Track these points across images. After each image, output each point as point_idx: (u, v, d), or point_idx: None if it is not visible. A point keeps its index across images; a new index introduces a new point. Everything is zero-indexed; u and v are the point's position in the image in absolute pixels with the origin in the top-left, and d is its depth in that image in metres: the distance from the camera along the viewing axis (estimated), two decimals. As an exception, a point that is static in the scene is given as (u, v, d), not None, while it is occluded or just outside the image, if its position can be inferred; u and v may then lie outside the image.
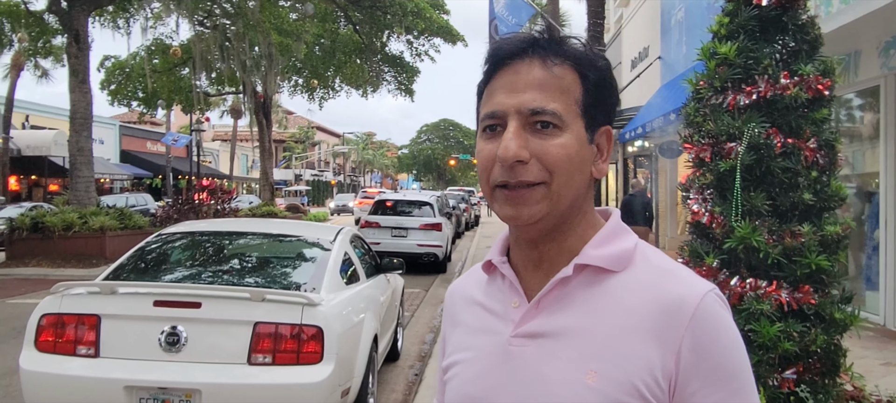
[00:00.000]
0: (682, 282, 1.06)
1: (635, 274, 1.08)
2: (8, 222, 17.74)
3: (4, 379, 6.74)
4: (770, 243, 3.05)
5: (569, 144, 1.05)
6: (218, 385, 4.20)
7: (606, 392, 1.01)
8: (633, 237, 1.13)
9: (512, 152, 1.03)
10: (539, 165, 1.04)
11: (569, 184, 1.07)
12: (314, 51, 31.44)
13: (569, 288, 1.09)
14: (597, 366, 1.02)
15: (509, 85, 1.08)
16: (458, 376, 1.17)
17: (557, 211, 1.08)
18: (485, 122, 1.10)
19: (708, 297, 1.04)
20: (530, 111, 1.05)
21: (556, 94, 1.06)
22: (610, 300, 1.06)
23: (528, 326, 1.10)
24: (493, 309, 1.17)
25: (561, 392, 1.03)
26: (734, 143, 3.13)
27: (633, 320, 1.03)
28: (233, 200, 23.56)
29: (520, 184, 1.05)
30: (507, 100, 1.07)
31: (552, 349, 1.06)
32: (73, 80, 18.10)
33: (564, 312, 1.08)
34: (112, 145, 40.89)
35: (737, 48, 3.19)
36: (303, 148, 76.62)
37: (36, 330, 4.44)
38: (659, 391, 1.01)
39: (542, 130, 1.05)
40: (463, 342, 1.20)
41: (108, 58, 30.65)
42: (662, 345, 1.01)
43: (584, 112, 1.08)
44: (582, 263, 1.08)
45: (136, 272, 5.29)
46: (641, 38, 20.34)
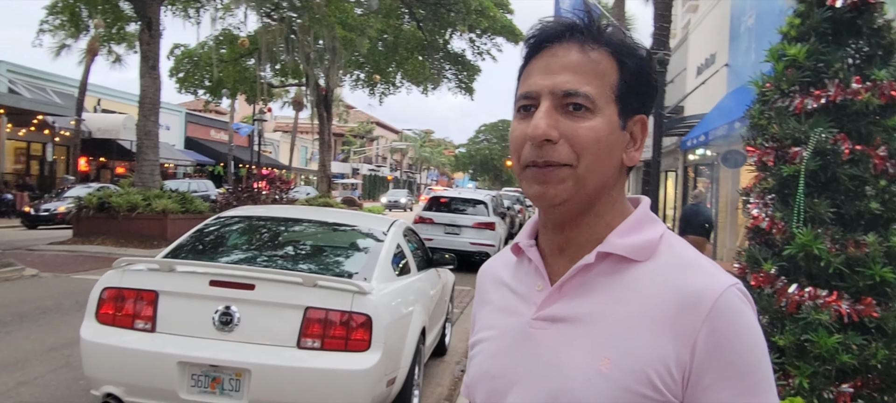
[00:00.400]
0: (703, 275, 1.05)
1: (658, 265, 1.08)
2: (76, 201, 18.37)
3: (66, 349, 6.98)
4: (832, 252, 2.95)
5: (599, 128, 1.06)
6: (267, 367, 4.26)
7: (618, 379, 1.01)
8: (660, 227, 1.13)
9: (541, 130, 1.05)
10: (567, 147, 1.05)
11: (595, 167, 1.07)
12: (377, 46, 31.71)
13: (591, 275, 1.10)
14: (611, 354, 1.03)
15: (545, 67, 1.09)
16: (482, 353, 1.20)
17: (583, 195, 1.08)
18: (520, 103, 1.11)
19: (729, 291, 1.03)
20: (563, 92, 1.06)
21: (590, 78, 1.07)
22: (630, 289, 1.07)
23: (548, 310, 1.11)
24: (518, 291, 1.19)
25: (574, 376, 1.04)
26: (799, 148, 3.02)
27: (651, 310, 1.04)
28: (290, 190, 23.93)
29: (547, 163, 1.06)
30: (541, 80, 1.08)
31: (570, 334, 1.08)
32: (143, 66, 18.64)
33: (585, 298, 1.09)
34: (177, 131, 41.97)
35: (807, 50, 3.09)
36: (361, 142, 77.38)
37: (97, 302, 4.57)
38: (672, 382, 1.01)
39: (573, 112, 1.06)
40: (489, 320, 1.22)
41: (178, 46, 31.53)
42: (678, 337, 1.01)
43: (619, 98, 1.08)
44: (605, 251, 1.09)
45: (194, 252, 5.41)
46: (708, 45, 19.92)
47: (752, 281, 3.18)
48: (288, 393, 4.27)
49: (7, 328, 7.94)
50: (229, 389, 4.30)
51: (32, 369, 6.37)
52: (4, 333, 7.68)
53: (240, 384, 4.29)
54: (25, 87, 28.00)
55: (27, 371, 6.32)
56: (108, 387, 4.41)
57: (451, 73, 33.82)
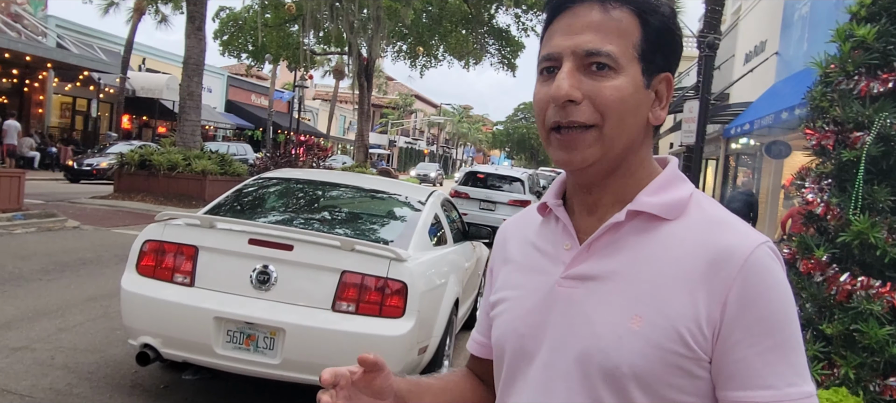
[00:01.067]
0: (734, 233, 1.04)
1: (688, 223, 1.08)
2: (118, 157, 18.67)
3: (105, 300, 7.10)
4: (889, 242, 2.85)
5: (623, 87, 1.05)
6: (302, 327, 4.28)
7: (649, 336, 1.02)
8: (689, 185, 1.12)
9: (564, 91, 1.04)
10: (591, 107, 1.05)
11: (621, 127, 1.06)
12: (421, 18, 31.59)
13: (620, 233, 1.10)
14: (642, 311, 1.03)
15: (567, 27, 1.07)
16: (507, 312, 1.19)
17: (611, 156, 1.08)
18: (542, 65, 1.10)
19: (760, 249, 1.02)
20: (585, 52, 1.05)
21: (612, 37, 1.05)
22: (660, 247, 1.06)
23: (577, 268, 1.11)
24: (545, 250, 1.18)
25: (605, 333, 1.05)
26: (862, 133, 2.92)
27: (682, 267, 1.03)
28: (328, 158, 24.05)
29: (571, 124, 1.05)
30: (563, 41, 1.07)
31: (600, 292, 1.08)
32: (189, 26, 18.79)
33: (614, 257, 1.09)
34: (219, 94, 42.38)
35: (877, 31, 2.96)
36: (399, 114, 77.43)
37: (138, 254, 4.62)
38: (702, 339, 1.01)
39: (596, 72, 1.05)
40: (512, 279, 1.22)
41: (224, 8, 31.79)
42: (709, 294, 1.01)
43: (642, 56, 1.07)
44: (635, 209, 1.09)
45: (233, 211, 5.45)
46: (759, 32, 19.48)
47: (801, 268, 3.09)
48: (321, 355, 4.28)
49: (50, 276, 8.12)
50: (263, 347, 4.32)
51: (72, 317, 6.50)
52: (47, 281, 7.84)
53: (274, 342, 4.31)
54: (73, 43, 28.43)
55: (67, 318, 6.44)
56: (146, 338, 4.46)
57: (495, 49, 33.60)
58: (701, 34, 14.41)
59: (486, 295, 1.34)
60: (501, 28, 32.83)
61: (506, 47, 33.16)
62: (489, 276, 1.35)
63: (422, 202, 5.80)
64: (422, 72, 35.25)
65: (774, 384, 0.99)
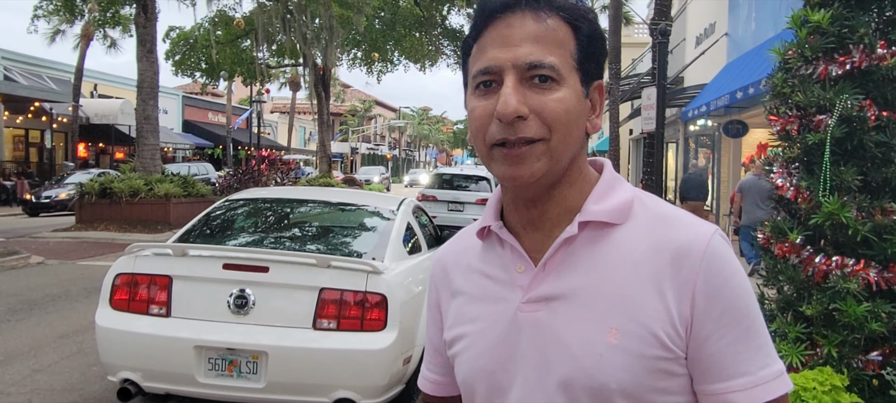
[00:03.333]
0: (686, 227, 1.04)
1: (638, 225, 1.06)
2: (78, 187, 18.32)
3: (78, 336, 6.97)
4: (859, 220, 2.92)
5: (567, 99, 1.02)
6: (284, 348, 4.25)
7: (630, 347, 1.00)
8: (628, 187, 1.11)
9: (512, 107, 0.99)
10: (538, 121, 1.01)
11: (567, 139, 1.04)
12: (374, 24, 31.50)
13: (574, 246, 1.07)
14: (616, 323, 1.01)
15: (503, 39, 1.03)
16: (469, 348, 1.13)
17: (557, 169, 1.05)
18: (478, 79, 1.05)
19: (714, 239, 1.03)
20: (527, 65, 1.01)
21: (552, 48, 1.02)
22: (617, 254, 1.04)
23: (538, 290, 1.07)
24: (496, 276, 1.13)
25: (584, 354, 1.01)
26: (824, 116, 2.99)
27: (645, 270, 1.02)
28: (292, 172, 23.88)
29: (519, 140, 1.01)
30: (501, 54, 1.02)
31: (567, 311, 1.04)
32: (140, 50, 18.51)
33: (573, 272, 1.06)
34: (175, 115, 41.82)
35: (831, 16, 3.04)
36: (359, 121, 77.16)
37: (111, 288, 4.55)
38: (677, 337, 1.01)
39: (539, 85, 1.01)
40: (466, 312, 1.16)
41: (174, 29, 31.30)
42: (677, 291, 1.01)
43: (579, 65, 1.05)
44: (585, 220, 1.06)
45: (204, 236, 5.39)
46: (708, 14, 19.81)
47: (777, 252, 3.16)
48: (305, 374, 4.26)
49: (18, 315, 7.94)
50: (246, 372, 4.29)
51: (45, 356, 6.37)
52: (16, 321, 7.67)
53: (257, 366, 4.28)
54: (21, 74, 27.86)
55: (40, 358, 6.31)
56: (125, 373, 4.40)
57: (450, 50, 33.64)
58: (653, 22, 14.60)
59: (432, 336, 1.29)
60: (455, 29, 32.90)
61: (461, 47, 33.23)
62: (433, 311, 1.29)
63: (393, 211, 5.80)
64: (379, 77, 35.10)
65: (748, 369, 1.01)
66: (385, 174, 54.09)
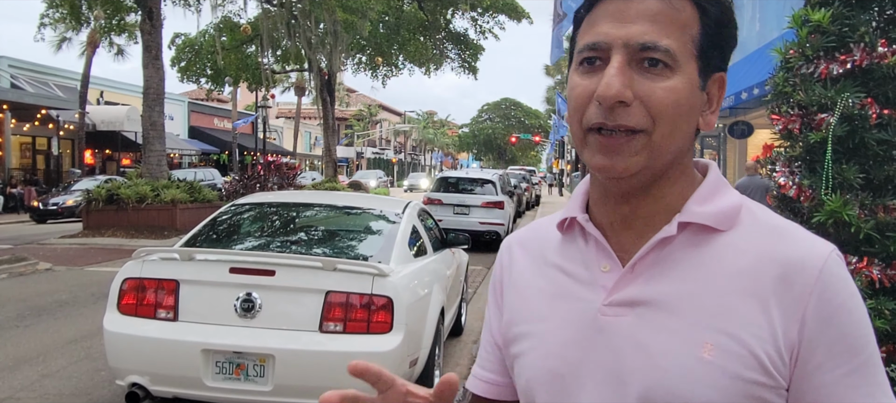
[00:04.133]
0: (801, 241, 0.93)
1: (744, 234, 0.95)
2: (85, 194, 18.41)
3: (86, 341, 7.01)
4: (862, 218, 2.93)
5: (679, 88, 0.91)
6: (291, 351, 4.28)
7: (726, 366, 0.88)
8: (736, 193, 1.00)
9: (614, 90, 0.89)
10: (642, 109, 0.90)
11: (673, 134, 0.93)
12: (378, 28, 31.58)
13: (669, 249, 0.96)
14: (712, 338, 0.89)
15: (618, 13, 0.92)
16: (536, 348, 1.03)
17: (657, 165, 0.94)
18: (582, 54, 0.95)
19: (831, 258, 0.91)
20: (640, 45, 0.90)
21: (670, 29, 0.91)
22: (719, 262, 0.93)
23: (624, 293, 0.96)
24: (574, 273, 1.02)
25: (671, 366, 0.90)
26: (826, 114, 3.00)
27: (749, 284, 0.91)
28: (297, 176, 23.96)
29: (618, 128, 0.91)
30: (613, 30, 0.92)
31: (655, 319, 0.93)
32: (146, 57, 18.60)
33: (666, 277, 0.94)
34: (181, 121, 41.98)
35: (831, 15, 3.06)
36: (363, 126, 77.28)
37: (118, 293, 4.58)
38: (780, 363, 0.89)
39: (649, 69, 0.91)
40: (536, 309, 1.05)
41: (179, 35, 31.43)
42: (784, 312, 0.89)
43: (700, 53, 0.94)
44: (686, 221, 0.95)
45: (210, 241, 5.42)
46: (712, 15, 19.77)
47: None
48: (312, 377, 4.29)
49: (26, 322, 7.99)
50: (254, 375, 4.31)
51: (54, 362, 6.41)
52: (24, 327, 7.72)
53: (264, 369, 4.30)
54: (28, 82, 27.99)
55: (49, 363, 6.35)
56: (133, 377, 4.43)
57: (454, 53, 33.70)
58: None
59: (492, 326, 1.17)
60: (459, 32, 32.97)
61: (465, 51, 33.29)
62: (493, 304, 1.18)
63: (398, 214, 5.82)
64: (384, 81, 35.16)
65: None
66: (383, 178, 53.73)
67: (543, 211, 29.07)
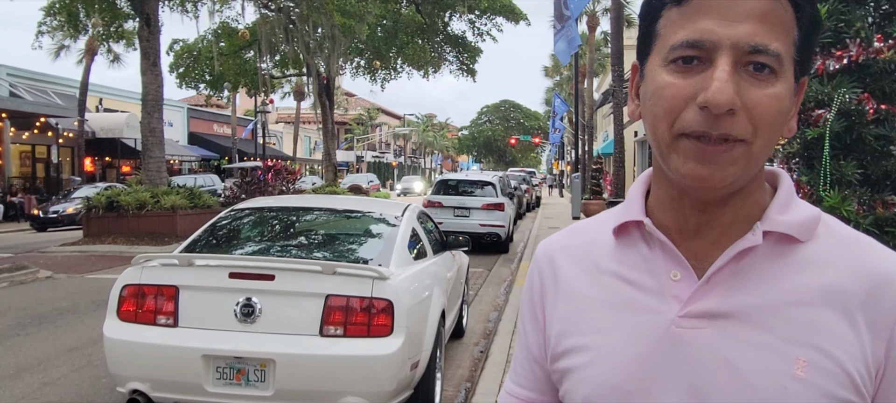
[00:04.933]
0: (884, 256, 0.89)
1: (825, 245, 0.91)
2: (85, 201, 18.41)
3: (87, 349, 7.00)
4: (860, 213, 2.94)
5: (782, 96, 0.85)
6: (291, 356, 4.27)
7: (821, 385, 0.84)
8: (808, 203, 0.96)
9: (726, 97, 0.81)
10: (746, 119, 0.83)
11: (770, 144, 0.87)
12: (376, 32, 31.59)
13: (749, 259, 0.91)
14: (805, 354, 0.85)
15: (723, 9, 0.84)
16: (597, 364, 0.95)
17: (749, 176, 0.89)
18: (678, 51, 0.86)
19: None
20: (750, 48, 0.83)
21: (778, 31, 0.84)
22: (802, 274, 0.89)
23: (700, 304, 0.90)
24: (638, 282, 0.96)
25: (762, 384, 0.85)
26: (823, 110, 3.01)
27: (836, 298, 0.87)
28: (297, 180, 23.96)
29: (722, 137, 0.83)
30: (720, 28, 0.83)
31: (740, 333, 0.88)
32: (144, 63, 18.60)
33: (747, 288, 0.89)
34: (180, 127, 41.99)
35: (827, 11, 3.06)
36: (363, 130, 77.30)
37: (118, 300, 4.58)
38: (869, 381, 0.85)
39: (755, 74, 0.84)
40: (594, 320, 0.98)
41: (177, 41, 31.42)
42: (872, 329, 0.85)
43: (798, 56, 0.88)
44: (769, 230, 0.90)
45: (210, 246, 5.42)
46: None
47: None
48: (313, 382, 4.28)
49: (27, 330, 7.98)
50: (255, 380, 4.31)
51: (55, 369, 6.40)
52: (25, 335, 7.71)
53: (265, 374, 4.30)
54: (27, 90, 28.03)
55: (50, 371, 6.35)
56: (134, 384, 4.43)
57: (453, 56, 33.71)
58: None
59: (530, 341, 1.10)
60: (457, 35, 32.97)
61: (463, 54, 33.30)
62: (534, 312, 1.10)
63: (398, 217, 5.82)
64: (383, 85, 35.15)
65: None
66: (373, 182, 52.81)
67: (544, 213, 29.04)
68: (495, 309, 9.34)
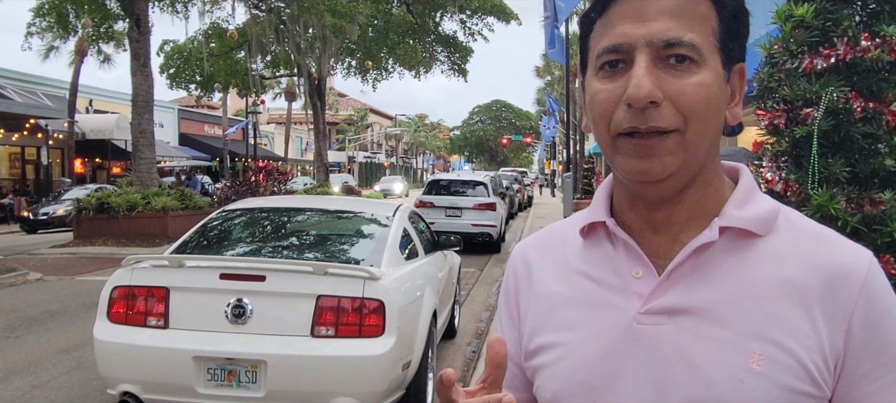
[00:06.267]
0: (843, 248, 0.92)
1: (784, 239, 0.93)
2: (75, 203, 18.33)
3: (77, 351, 6.98)
4: (849, 211, 2.94)
5: (708, 83, 0.88)
6: (283, 357, 4.27)
7: (776, 377, 0.86)
8: (769, 197, 0.98)
9: (645, 91, 0.86)
10: (673, 109, 0.87)
11: (705, 131, 0.90)
12: (367, 32, 31.57)
13: (708, 255, 0.93)
14: (761, 347, 0.87)
15: (636, 12, 0.89)
16: (565, 360, 0.98)
17: (691, 165, 0.91)
18: (603, 58, 0.92)
19: (874, 265, 0.91)
20: (664, 42, 0.87)
21: (692, 23, 0.89)
22: (760, 268, 0.91)
23: (660, 301, 0.93)
24: (603, 280, 0.99)
25: (718, 378, 0.87)
26: (811, 109, 3.02)
27: (794, 292, 0.89)
28: (289, 181, 23.92)
29: (651, 130, 0.88)
30: (633, 29, 0.89)
31: (698, 328, 0.90)
32: (134, 64, 18.54)
33: (706, 283, 0.92)
34: (171, 128, 41.82)
35: (814, 9, 3.07)
36: (355, 130, 77.21)
37: (108, 301, 4.56)
38: (827, 373, 0.88)
39: (676, 66, 0.88)
40: (563, 318, 1.00)
41: (167, 42, 31.33)
42: (829, 321, 0.88)
43: (722, 45, 0.91)
44: (726, 225, 0.92)
45: (201, 247, 5.41)
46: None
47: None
48: (305, 382, 4.28)
49: (17, 332, 7.95)
50: (246, 381, 4.30)
51: (45, 372, 6.38)
52: (15, 338, 7.68)
53: (256, 375, 4.29)
54: (15, 92, 27.80)
55: (40, 374, 6.32)
56: (125, 386, 4.41)
57: (444, 56, 33.72)
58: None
59: (510, 335, 1.11)
60: (448, 35, 32.99)
61: (455, 53, 33.32)
62: (510, 311, 1.12)
63: (389, 217, 5.82)
64: (374, 85, 35.17)
65: None
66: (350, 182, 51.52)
67: (536, 213, 29.08)
68: (487, 309, 9.35)
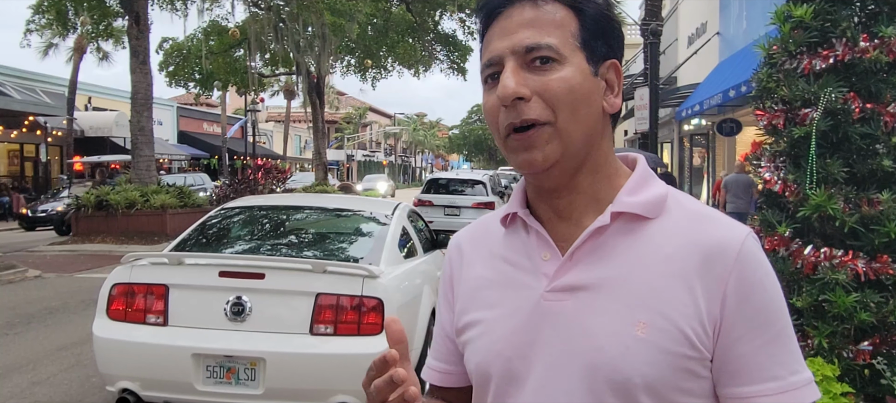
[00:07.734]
0: (722, 225, 1.03)
1: (672, 220, 1.05)
2: (74, 200, 18.31)
3: (76, 348, 6.98)
4: (846, 211, 2.96)
5: (569, 77, 1.01)
6: (282, 354, 4.27)
7: (657, 342, 0.98)
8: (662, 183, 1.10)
9: (510, 88, 1.00)
10: (541, 102, 1.01)
11: (575, 118, 1.02)
12: (367, 30, 31.52)
13: (604, 237, 1.05)
14: (645, 316, 0.99)
15: (502, 30, 1.05)
16: (486, 334, 1.11)
17: (572, 151, 1.03)
18: (485, 72, 1.07)
19: (748, 239, 1.02)
20: (525, 48, 1.02)
21: (549, 29, 1.02)
22: (649, 247, 1.03)
23: (564, 279, 1.05)
24: (518, 263, 1.11)
25: (610, 345, 1.00)
26: (809, 109, 3.03)
27: (676, 266, 1.01)
28: (288, 179, 23.92)
29: (525, 123, 1.01)
30: (501, 43, 1.04)
31: (594, 301, 1.03)
32: (133, 62, 18.52)
33: (602, 263, 1.04)
34: (170, 126, 41.77)
35: (813, 10, 3.09)
36: (353, 128, 77.16)
37: (107, 298, 4.56)
38: (705, 337, 0.99)
39: (541, 66, 1.02)
40: (485, 298, 1.13)
41: (166, 40, 31.27)
42: (707, 290, 0.99)
43: (584, 44, 1.04)
44: (618, 211, 1.05)
45: (200, 244, 5.41)
46: (699, 14, 19.89)
47: (766, 245, 3.19)
48: (304, 380, 4.28)
49: (16, 329, 7.95)
50: (245, 378, 4.31)
51: (44, 369, 6.38)
52: (14, 335, 7.68)
53: (255, 373, 4.29)
54: (14, 89, 27.79)
55: (39, 371, 6.32)
56: (124, 383, 4.41)
57: (443, 55, 33.69)
58: (643, 22, 14.67)
59: (443, 319, 1.26)
60: (447, 34, 32.96)
61: (454, 52, 33.29)
62: (446, 294, 1.26)
63: (388, 216, 5.82)
64: (373, 84, 35.16)
65: (779, 374, 0.99)
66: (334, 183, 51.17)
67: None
68: (486, 308, 9.36)
